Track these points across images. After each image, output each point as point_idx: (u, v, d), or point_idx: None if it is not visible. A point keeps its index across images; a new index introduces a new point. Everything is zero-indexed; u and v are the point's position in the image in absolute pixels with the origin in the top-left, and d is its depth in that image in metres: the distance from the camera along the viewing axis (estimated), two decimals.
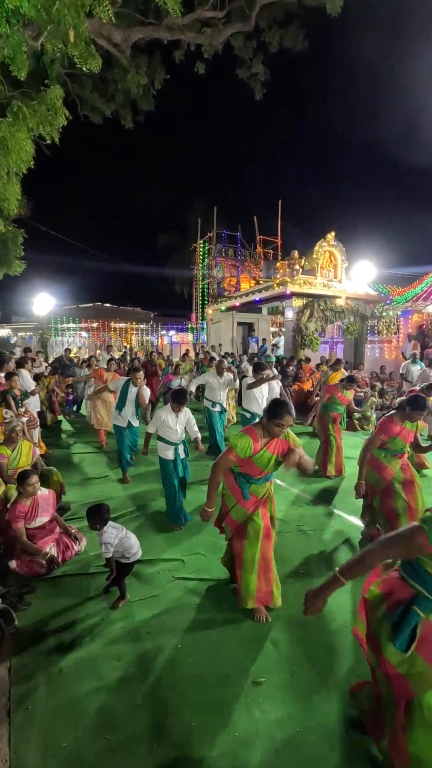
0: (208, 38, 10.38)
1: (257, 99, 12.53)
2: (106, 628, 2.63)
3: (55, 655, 2.41)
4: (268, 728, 1.97)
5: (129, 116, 12.21)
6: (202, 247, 21.28)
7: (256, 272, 20.25)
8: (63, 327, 23.66)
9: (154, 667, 2.32)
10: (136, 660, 2.37)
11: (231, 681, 2.23)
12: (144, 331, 27.02)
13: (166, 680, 2.24)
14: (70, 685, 2.20)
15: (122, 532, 2.82)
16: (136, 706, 2.08)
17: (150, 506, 4.57)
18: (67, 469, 5.65)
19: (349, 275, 12.69)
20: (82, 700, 2.11)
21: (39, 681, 2.23)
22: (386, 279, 17.66)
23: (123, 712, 2.05)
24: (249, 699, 2.12)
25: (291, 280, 11.19)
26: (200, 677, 2.26)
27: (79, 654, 2.42)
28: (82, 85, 10.92)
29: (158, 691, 2.17)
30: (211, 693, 2.16)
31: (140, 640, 2.53)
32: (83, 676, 2.26)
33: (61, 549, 3.37)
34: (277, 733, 1.94)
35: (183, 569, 3.32)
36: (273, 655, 2.41)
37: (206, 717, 2.02)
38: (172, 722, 1.99)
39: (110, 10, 6.85)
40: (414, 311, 13.98)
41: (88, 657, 2.40)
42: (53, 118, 7.35)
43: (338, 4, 9.91)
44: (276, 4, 10.68)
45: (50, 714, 2.03)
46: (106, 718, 2.01)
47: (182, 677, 2.26)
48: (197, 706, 2.08)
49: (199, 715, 2.03)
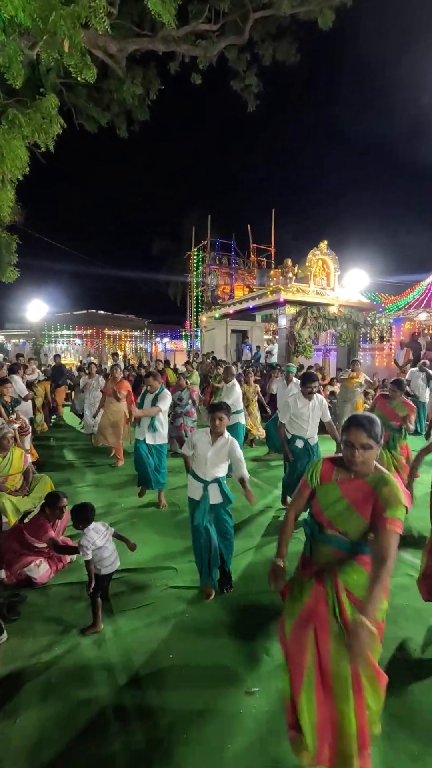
0: (203, 50, 10.54)
1: (250, 111, 12.72)
2: (97, 639, 2.58)
3: (45, 666, 2.36)
4: (261, 740, 1.93)
5: (124, 126, 12.31)
6: (196, 255, 21.37)
7: (249, 280, 20.36)
8: (56, 334, 23.58)
9: (145, 678, 2.28)
10: (126, 671, 2.33)
11: (224, 691, 2.20)
12: (138, 338, 27.01)
13: (157, 691, 2.20)
14: (60, 697, 2.16)
15: (102, 540, 2.66)
16: (127, 718, 2.04)
17: (144, 513, 4.53)
18: (60, 477, 5.59)
19: (341, 283, 12.80)
20: (71, 713, 2.06)
21: (28, 693, 2.18)
22: (378, 287, 17.87)
23: (113, 724, 2.00)
24: (242, 710, 2.09)
25: (284, 288, 11.27)
26: (192, 688, 2.22)
27: (68, 665, 2.37)
28: (77, 94, 11.00)
29: (149, 702, 2.13)
30: (204, 703, 2.12)
31: (132, 650, 2.49)
32: (73, 688, 2.21)
33: (54, 561, 3.32)
34: (270, 745, 1.91)
35: (176, 578, 3.28)
36: (267, 665, 2.38)
37: (198, 728, 1.98)
38: (164, 734, 1.95)
39: (106, 22, 6.93)
40: (406, 319, 14.14)
41: (78, 668, 2.35)
42: (48, 126, 7.38)
43: (329, 18, 10.12)
44: (269, 19, 10.88)
45: (39, 727, 1.99)
46: (96, 731, 1.97)
47: (174, 688, 2.22)
48: (189, 717, 2.04)
49: (190, 726, 1.99)
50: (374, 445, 1.65)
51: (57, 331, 23.62)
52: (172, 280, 27.62)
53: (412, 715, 2.05)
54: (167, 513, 4.56)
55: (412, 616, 2.79)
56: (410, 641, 2.57)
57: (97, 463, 6.45)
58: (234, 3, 10.04)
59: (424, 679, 2.28)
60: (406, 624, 2.72)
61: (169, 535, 4.00)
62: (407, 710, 2.08)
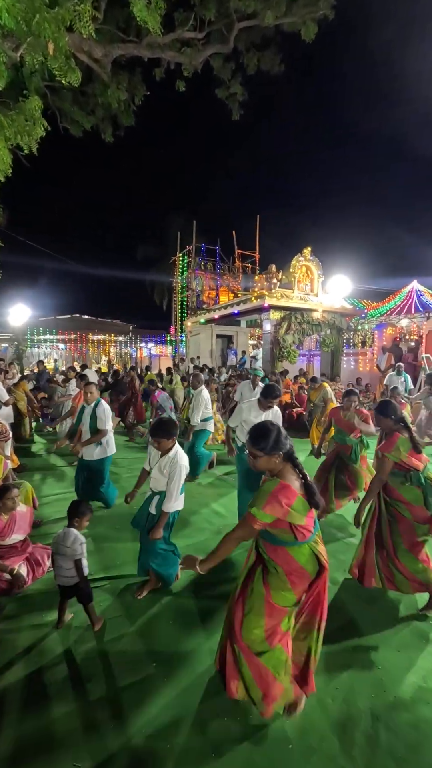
0: (188, 58, 10.61)
1: (235, 119, 12.85)
2: (78, 648, 2.52)
3: (24, 678, 2.30)
4: (246, 751, 1.91)
5: (109, 130, 12.28)
6: (182, 259, 21.43)
7: (234, 285, 20.49)
8: (40, 339, 23.24)
9: (126, 687, 2.24)
10: (107, 680, 2.28)
11: (207, 695, 2.17)
12: (123, 343, 26.83)
13: (139, 700, 2.15)
14: (41, 709, 2.10)
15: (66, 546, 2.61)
16: (109, 729, 1.99)
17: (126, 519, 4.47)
18: (41, 484, 5.49)
19: (325, 289, 12.98)
20: (52, 725, 2.01)
21: (7, 707, 2.11)
22: (361, 293, 18.16)
23: (95, 736, 1.96)
24: (227, 716, 2.06)
25: (269, 293, 11.36)
26: (175, 696, 2.18)
27: (49, 676, 2.31)
28: (62, 97, 10.94)
29: (130, 711, 2.09)
30: (187, 710, 2.09)
31: (113, 658, 2.44)
32: (54, 700, 2.15)
33: (31, 566, 3.24)
34: (255, 746, 1.89)
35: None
36: None
37: (181, 736, 1.95)
38: (146, 745, 1.92)
39: (91, 26, 6.94)
40: (388, 325, 14.40)
41: (58, 679, 2.29)
42: (31, 129, 7.32)
43: (312, 30, 10.31)
44: (253, 29, 11.03)
45: (19, 742, 1.92)
46: (77, 744, 1.92)
47: (156, 696, 2.18)
48: (171, 725, 2.01)
49: (173, 734, 1.96)
50: (259, 454, 1.96)
51: (40, 335, 23.28)
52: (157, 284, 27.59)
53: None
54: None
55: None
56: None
57: None
58: (219, 12, 10.14)
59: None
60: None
61: None
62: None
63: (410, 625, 2.79)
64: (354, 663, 2.42)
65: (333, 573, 3.11)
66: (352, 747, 1.91)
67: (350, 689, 2.24)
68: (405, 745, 1.93)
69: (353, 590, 3.13)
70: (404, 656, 2.50)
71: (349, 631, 2.70)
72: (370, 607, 2.98)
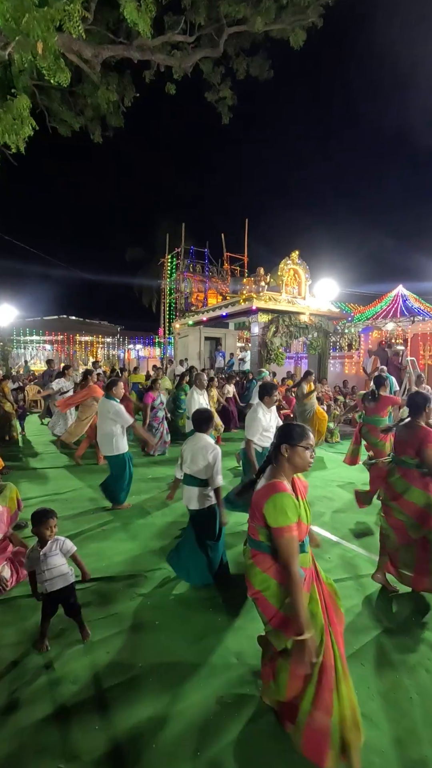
0: (178, 61, 10.65)
1: (224, 123, 12.93)
2: (63, 651, 2.50)
3: (8, 682, 2.27)
4: (228, 745, 1.92)
5: (98, 131, 12.24)
6: (170, 262, 21.40)
7: (223, 288, 20.54)
8: (26, 339, 22.95)
9: (112, 689, 2.22)
10: (93, 682, 2.27)
11: (193, 699, 2.17)
12: (110, 344, 26.64)
13: (125, 702, 2.15)
14: (26, 712, 2.07)
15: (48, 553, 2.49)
16: (94, 731, 1.97)
17: (115, 520, 4.45)
18: (27, 486, 5.42)
19: (312, 293, 13.10)
20: (37, 727, 1.99)
21: None
22: (348, 297, 18.38)
23: (80, 737, 1.94)
24: (213, 717, 2.06)
25: (257, 296, 11.42)
26: (162, 698, 2.18)
27: (34, 679, 2.28)
28: (50, 97, 10.87)
29: (117, 713, 2.08)
30: (173, 712, 2.09)
31: (99, 661, 2.42)
32: (39, 702, 2.13)
33: (15, 568, 3.20)
34: (241, 750, 1.89)
35: (145, 585, 3.23)
36: (238, 671, 2.37)
37: (167, 739, 1.95)
38: (131, 746, 1.91)
39: (81, 27, 6.91)
40: (374, 328, 14.60)
41: (44, 682, 2.27)
42: (19, 128, 7.25)
43: (301, 37, 10.46)
44: (243, 34, 11.13)
45: (5, 746, 1.90)
46: (63, 746, 1.90)
47: (142, 698, 2.17)
48: (157, 727, 2.00)
49: (159, 736, 1.95)
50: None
51: (26, 336, 22.98)
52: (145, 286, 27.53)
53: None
54: (138, 520, 4.48)
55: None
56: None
57: (68, 470, 6.29)
58: (209, 17, 10.21)
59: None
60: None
61: (140, 542, 3.94)
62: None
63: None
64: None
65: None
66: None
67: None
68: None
69: None
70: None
71: None
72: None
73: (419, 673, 2.39)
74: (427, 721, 2.07)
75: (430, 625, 2.81)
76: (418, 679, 2.34)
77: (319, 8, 10.18)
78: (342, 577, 3.38)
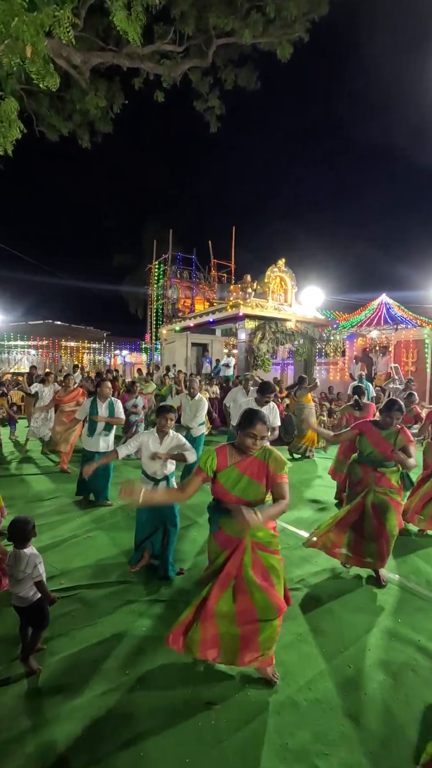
0: (167, 69, 10.75)
1: (213, 131, 13.07)
2: (47, 660, 2.45)
3: None
4: (220, 752, 1.90)
5: (86, 136, 12.24)
6: (158, 268, 21.43)
7: (210, 294, 20.64)
8: (10, 344, 22.57)
9: (98, 696, 2.19)
10: (78, 691, 2.22)
11: (182, 705, 2.15)
12: (96, 350, 26.39)
13: (112, 709, 2.11)
14: (9, 724, 2.02)
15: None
16: (80, 740, 1.94)
17: (101, 527, 4.39)
18: (9, 491, 5.31)
19: (298, 300, 13.26)
20: (20, 739, 1.94)
21: None
22: (333, 305, 18.64)
23: (65, 746, 1.90)
24: (201, 722, 2.04)
25: (244, 303, 11.50)
26: (149, 704, 2.15)
27: (16, 689, 2.23)
28: (39, 101, 10.83)
29: (103, 720, 2.04)
30: (161, 718, 2.06)
31: (84, 668, 2.38)
32: (22, 714, 2.08)
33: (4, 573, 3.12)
34: (230, 758, 1.88)
35: (132, 591, 3.19)
36: (225, 676, 2.36)
37: (156, 744, 1.92)
38: (119, 753, 1.88)
39: (71, 33, 6.93)
40: (358, 335, 14.84)
41: (27, 692, 2.22)
42: (7, 131, 7.21)
43: (287, 51, 10.67)
44: (231, 46, 11.31)
45: None
46: (47, 756, 1.86)
47: (130, 705, 2.14)
48: (145, 733, 1.98)
49: (147, 742, 1.93)
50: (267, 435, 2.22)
51: (10, 341, 22.61)
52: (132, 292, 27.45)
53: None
54: (124, 526, 4.43)
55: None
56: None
57: (53, 477, 6.20)
58: (198, 28, 10.35)
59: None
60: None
61: (125, 548, 3.89)
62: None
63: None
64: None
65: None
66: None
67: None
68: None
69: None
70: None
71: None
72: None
73: (406, 674, 2.41)
74: (416, 719, 2.09)
75: (416, 626, 2.84)
76: (405, 680, 2.37)
77: (306, 23, 10.42)
78: (326, 578, 3.41)
